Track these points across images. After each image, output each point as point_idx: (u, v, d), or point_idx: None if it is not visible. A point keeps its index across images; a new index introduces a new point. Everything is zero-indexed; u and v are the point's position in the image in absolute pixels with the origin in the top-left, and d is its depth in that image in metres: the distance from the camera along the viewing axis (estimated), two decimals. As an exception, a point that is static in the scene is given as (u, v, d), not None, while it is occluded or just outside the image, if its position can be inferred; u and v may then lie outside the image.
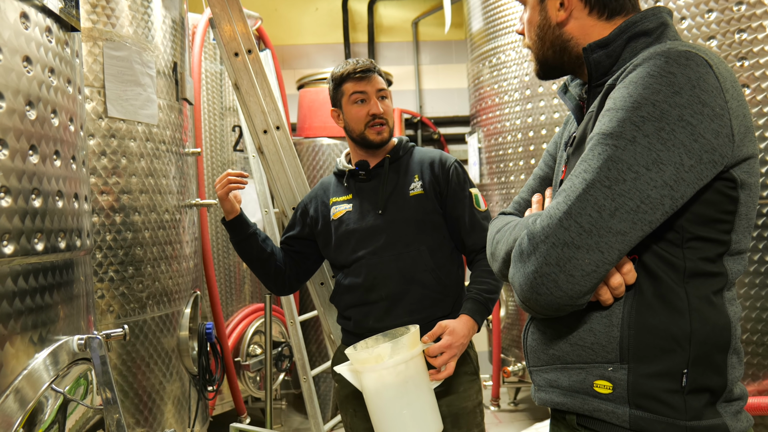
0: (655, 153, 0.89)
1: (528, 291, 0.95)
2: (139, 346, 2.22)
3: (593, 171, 0.91)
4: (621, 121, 0.91)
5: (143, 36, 2.24)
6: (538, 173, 1.27)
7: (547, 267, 0.92)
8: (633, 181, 0.89)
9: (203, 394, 2.65)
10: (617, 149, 0.90)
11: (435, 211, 1.84)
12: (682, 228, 0.95)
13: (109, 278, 2.12)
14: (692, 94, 0.90)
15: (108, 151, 2.11)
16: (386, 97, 1.90)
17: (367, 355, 1.50)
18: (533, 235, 0.95)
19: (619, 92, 0.95)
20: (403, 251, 1.81)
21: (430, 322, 1.76)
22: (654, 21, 1.04)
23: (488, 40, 3.80)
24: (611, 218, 0.89)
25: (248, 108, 2.34)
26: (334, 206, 1.94)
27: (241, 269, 3.62)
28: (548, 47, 1.12)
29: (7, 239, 0.98)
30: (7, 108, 0.98)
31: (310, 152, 4.15)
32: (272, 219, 3.13)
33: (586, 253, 0.90)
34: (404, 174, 1.89)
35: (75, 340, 1.20)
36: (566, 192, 0.94)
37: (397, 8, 5.30)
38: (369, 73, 1.87)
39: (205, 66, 3.40)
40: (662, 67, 0.92)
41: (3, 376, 0.99)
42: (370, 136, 1.87)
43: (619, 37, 1.04)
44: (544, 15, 1.10)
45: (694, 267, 0.96)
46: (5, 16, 0.98)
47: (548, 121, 3.50)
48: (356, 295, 1.85)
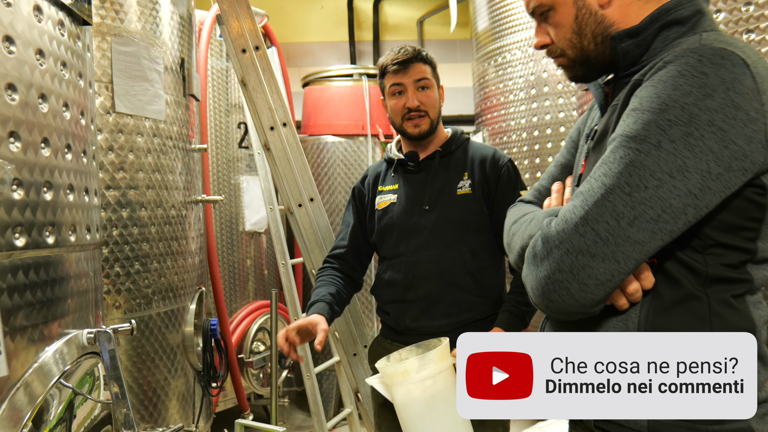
0: (680, 159, 0.84)
1: (539, 296, 0.93)
2: (145, 341, 2.22)
3: (613, 176, 0.87)
4: (646, 123, 0.87)
5: (151, 32, 2.24)
6: (560, 160, 1.23)
7: (560, 274, 0.89)
8: (655, 188, 0.85)
9: (207, 391, 2.65)
10: (640, 154, 0.86)
11: (481, 212, 1.79)
12: (705, 234, 0.91)
13: (115, 273, 2.12)
14: (725, 97, 0.85)
15: (115, 146, 2.11)
16: (428, 87, 1.81)
17: (394, 370, 1.50)
18: (547, 239, 0.91)
19: (646, 91, 0.90)
20: (443, 252, 1.77)
21: (468, 325, 1.75)
22: (689, 8, 0.97)
23: (494, 40, 3.80)
24: (630, 227, 0.86)
25: (255, 105, 2.34)
26: (380, 195, 1.90)
27: (245, 266, 3.63)
28: (589, 40, 1.03)
29: (19, 232, 0.98)
30: (20, 101, 0.98)
31: (314, 150, 4.15)
32: (277, 216, 3.13)
33: (601, 262, 0.87)
34: (454, 170, 1.84)
35: (84, 333, 1.20)
36: (584, 195, 0.90)
37: (403, 7, 5.30)
38: (407, 64, 1.80)
39: (211, 62, 3.40)
40: (695, 67, 0.86)
41: (13, 370, 0.99)
42: (408, 129, 1.83)
43: (651, 25, 0.98)
44: (582, 3, 1.02)
45: (716, 272, 0.92)
46: (19, 9, 0.98)
47: (553, 120, 3.49)
48: (395, 291, 1.83)
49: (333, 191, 4.13)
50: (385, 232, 1.86)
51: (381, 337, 1.95)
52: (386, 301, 1.87)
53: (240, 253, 3.54)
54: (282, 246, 2.97)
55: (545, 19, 1.06)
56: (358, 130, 4.13)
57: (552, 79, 3.51)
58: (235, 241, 3.54)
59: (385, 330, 1.93)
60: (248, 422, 2.13)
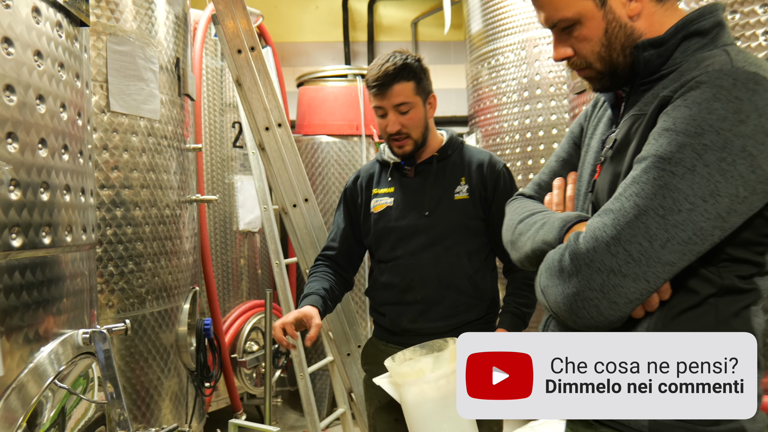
0: (713, 184, 0.86)
1: (566, 311, 0.93)
2: (138, 341, 2.22)
3: (647, 197, 0.88)
4: (681, 145, 0.88)
5: (146, 31, 2.24)
6: (561, 155, 1.23)
7: (590, 292, 0.90)
8: (688, 212, 0.86)
9: (201, 391, 2.65)
10: (675, 177, 0.87)
11: (477, 217, 1.81)
12: (720, 249, 0.93)
13: (109, 273, 2.12)
14: (758, 123, 0.86)
15: (110, 145, 2.11)
16: (409, 110, 1.76)
17: (408, 369, 1.50)
18: (576, 256, 0.91)
19: (680, 112, 0.90)
20: (442, 255, 1.79)
21: (464, 326, 1.76)
22: (710, 20, 0.99)
23: (487, 42, 3.82)
24: (662, 249, 0.87)
25: (250, 105, 2.34)
26: (375, 198, 1.89)
27: (239, 266, 3.62)
28: (618, 52, 1.02)
29: (16, 232, 0.98)
30: (18, 101, 0.98)
31: (309, 150, 4.16)
32: (271, 215, 3.13)
33: (632, 282, 0.88)
34: (451, 174, 1.84)
35: (80, 333, 1.20)
36: (614, 214, 0.90)
37: (397, 8, 5.31)
38: (384, 88, 1.73)
39: (206, 62, 3.40)
40: (729, 91, 0.88)
41: (8, 369, 0.99)
42: (393, 148, 1.82)
43: (674, 36, 0.99)
44: (612, 16, 1.01)
45: (729, 284, 0.94)
46: (18, 11, 0.99)
47: (546, 122, 3.52)
48: (392, 293, 1.84)
49: (327, 191, 4.14)
50: (381, 235, 1.86)
51: (375, 338, 1.95)
52: (383, 303, 1.88)
53: (234, 252, 3.54)
54: (276, 246, 2.98)
55: (568, 33, 1.04)
56: (353, 131, 4.14)
57: (544, 82, 3.53)
58: (228, 240, 3.54)
59: (379, 331, 1.93)
60: (242, 422, 2.13)
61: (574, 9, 1.01)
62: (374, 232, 1.88)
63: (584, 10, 1.01)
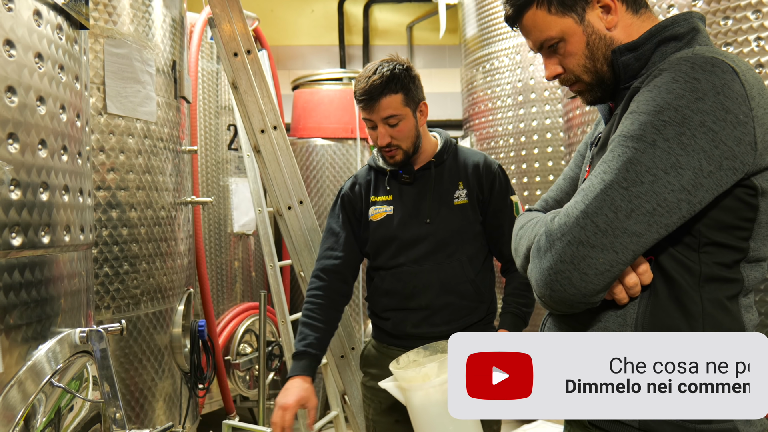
0: (674, 157, 0.90)
1: (543, 287, 0.97)
2: (132, 342, 2.23)
3: (612, 172, 0.93)
4: (642, 124, 0.93)
5: (143, 34, 2.25)
6: (569, 173, 1.28)
7: (561, 264, 0.94)
8: (650, 183, 0.90)
9: (194, 392, 2.66)
10: (637, 151, 0.92)
11: (476, 221, 1.82)
12: (699, 232, 0.96)
13: (104, 273, 2.13)
14: (716, 101, 0.90)
15: (106, 147, 2.12)
16: (398, 122, 1.73)
17: (414, 374, 1.51)
18: (550, 233, 0.97)
19: (642, 96, 0.96)
20: (444, 262, 1.79)
21: (466, 329, 1.77)
22: (685, 26, 1.04)
23: (482, 46, 3.85)
24: (627, 219, 0.91)
25: (246, 107, 2.36)
26: (374, 206, 1.87)
27: (233, 268, 3.63)
28: (602, 62, 1.08)
29: (16, 231, 1.00)
30: (19, 103, 1.00)
31: (303, 152, 4.17)
32: (265, 218, 3.14)
33: (600, 252, 0.91)
34: (448, 179, 1.84)
35: (77, 332, 1.21)
36: (584, 191, 0.95)
37: (393, 12, 5.34)
38: (371, 102, 1.70)
39: (202, 65, 3.41)
40: (687, 73, 0.93)
41: (6, 367, 1.00)
42: (386, 158, 1.82)
43: (649, 41, 1.05)
44: (591, 30, 1.07)
45: (710, 272, 0.97)
46: (20, 14, 1.00)
47: (540, 126, 3.55)
48: (395, 300, 1.84)
49: (321, 194, 4.16)
50: (382, 243, 1.85)
51: (376, 342, 1.95)
52: (385, 309, 1.87)
53: (228, 254, 3.55)
54: (270, 248, 2.98)
55: (554, 51, 1.11)
56: (347, 134, 4.16)
57: (539, 87, 3.57)
58: (223, 242, 3.55)
59: (380, 335, 1.93)
60: (236, 423, 2.14)
61: (557, 28, 1.08)
62: (374, 240, 1.87)
63: (566, 27, 1.07)
